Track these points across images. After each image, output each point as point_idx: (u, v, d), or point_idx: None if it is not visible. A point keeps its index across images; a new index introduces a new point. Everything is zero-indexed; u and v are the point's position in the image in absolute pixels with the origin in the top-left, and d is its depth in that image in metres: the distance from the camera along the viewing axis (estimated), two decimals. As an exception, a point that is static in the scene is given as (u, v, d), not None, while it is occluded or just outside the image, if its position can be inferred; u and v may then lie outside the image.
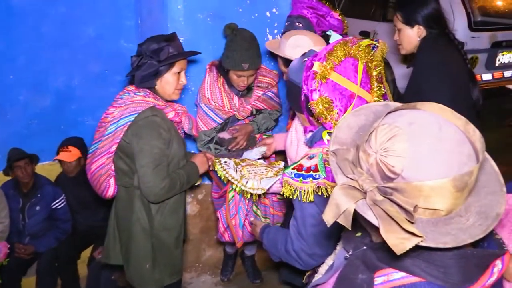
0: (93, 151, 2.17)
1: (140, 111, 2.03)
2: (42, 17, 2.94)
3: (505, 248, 0.94)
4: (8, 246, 2.97)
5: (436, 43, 2.30)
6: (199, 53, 2.23)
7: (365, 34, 5.38)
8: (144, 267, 2.19)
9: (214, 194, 2.75)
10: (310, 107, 1.51)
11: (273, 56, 2.87)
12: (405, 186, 0.82)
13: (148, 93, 2.08)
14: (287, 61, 2.20)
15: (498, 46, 4.92)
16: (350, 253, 1.05)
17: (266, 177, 2.20)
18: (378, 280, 0.90)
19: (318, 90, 1.47)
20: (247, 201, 2.42)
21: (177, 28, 2.57)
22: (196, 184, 2.32)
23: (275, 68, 2.80)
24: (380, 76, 1.59)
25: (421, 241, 0.79)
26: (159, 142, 2.04)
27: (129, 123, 2.03)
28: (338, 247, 1.25)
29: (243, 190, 2.20)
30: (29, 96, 3.07)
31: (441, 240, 0.80)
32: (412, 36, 2.37)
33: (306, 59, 1.58)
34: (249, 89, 2.61)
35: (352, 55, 1.51)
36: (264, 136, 2.71)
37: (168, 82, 2.10)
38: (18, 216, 3.13)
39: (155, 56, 2.02)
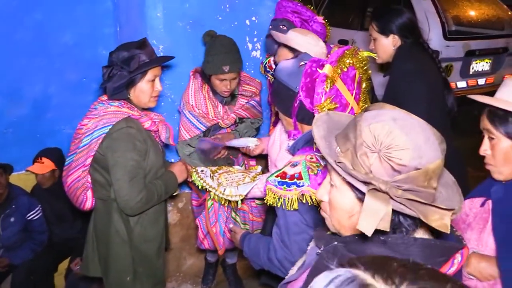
0: (68, 164, 2.12)
1: (114, 123, 1.97)
2: (17, 24, 2.88)
3: (464, 243, 1.01)
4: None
5: (411, 51, 2.36)
6: (173, 57, 2.18)
7: (343, 43, 5.46)
8: (124, 280, 2.15)
9: (194, 202, 2.74)
10: (309, 112, 1.50)
11: (254, 63, 2.88)
12: (416, 174, 0.88)
13: (122, 103, 2.03)
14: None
15: (472, 55, 5.05)
16: (322, 249, 1.07)
17: (244, 183, 2.19)
18: None
19: (326, 93, 1.46)
20: (226, 208, 2.40)
21: (157, 36, 2.56)
22: (174, 194, 2.29)
23: (255, 76, 2.81)
24: (367, 89, 1.60)
25: (453, 212, 0.90)
26: (134, 154, 2.00)
27: (103, 135, 1.98)
28: (309, 247, 1.27)
29: (221, 197, 2.18)
30: (5, 104, 3.00)
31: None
32: (387, 45, 2.41)
33: (303, 63, 1.55)
34: (233, 97, 2.60)
35: (353, 65, 1.51)
36: None
37: (143, 90, 2.04)
38: (-8, 228, 3.04)
39: (125, 66, 1.96)
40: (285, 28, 2.47)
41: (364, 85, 1.56)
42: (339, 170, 0.93)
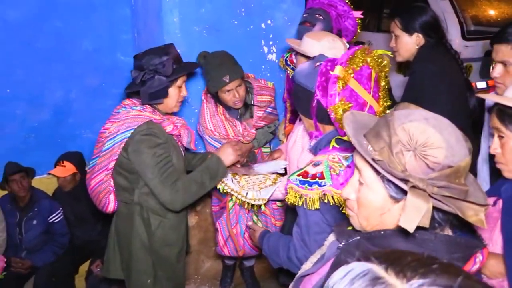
0: (92, 167, 2.15)
1: (136, 127, 2.00)
2: (38, 31, 2.96)
3: (485, 242, 1.02)
4: (5, 260, 2.96)
5: (434, 52, 2.29)
6: (200, 65, 2.22)
7: (360, 45, 5.43)
8: (145, 283, 2.17)
9: (214, 208, 2.73)
10: (327, 116, 1.50)
11: (269, 65, 2.89)
12: (449, 172, 0.91)
13: (144, 108, 2.06)
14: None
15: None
16: (344, 243, 1.08)
17: (265, 186, 2.19)
18: None
19: (339, 94, 1.46)
20: (247, 210, 2.40)
21: (173, 41, 2.58)
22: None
23: (271, 78, 2.81)
24: (387, 87, 1.59)
25: (485, 208, 0.93)
26: (159, 149, 2.01)
27: (126, 139, 2.01)
28: (326, 242, 1.27)
29: (244, 201, 2.18)
30: (26, 110, 3.08)
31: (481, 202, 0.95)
32: (410, 43, 2.35)
33: (318, 63, 1.56)
34: (246, 107, 2.58)
35: (367, 63, 1.51)
36: (263, 150, 2.71)
37: (171, 96, 2.07)
38: (15, 230, 3.12)
39: (160, 71, 1.98)
40: (321, 17, 2.44)
41: (383, 83, 1.55)
42: (378, 168, 0.94)
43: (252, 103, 2.57)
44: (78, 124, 3.27)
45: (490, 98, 1.55)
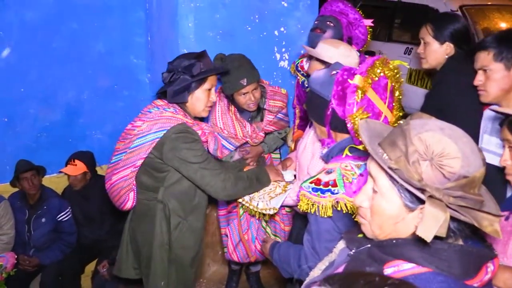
0: (116, 162, 2.12)
1: (169, 127, 2.00)
2: (54, 32, 3.00)
3: (496, 252, 1.02)
4: (16, 256, 2.98)
5: (463, 64, 2.21)
6: (229, 69, 2.26)
7: (370, 54, 5.45)
8: (159, 285, 2.17)
9: (220, 212, 2.74)
10: (342, 125, 1.51)
11: (281, 72, 2.91)
12: (465, 182, 0.92)
13: (177, 110, 2.07)
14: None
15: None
16: (354, 250, 1.09)
17: (275, 194, 2.19)
18: (388, 270, 0.96)
19: (357, 104, 1.47)
20: (257, 216, 2.41)
21: (187, 45, 2.63)
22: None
23: (283, 85, 2.82)
24: (400, 97, 1.60)
25: (500, 218, 0.94)
26: (196, 143, 2.03)
27: (157, 140, 2.01)
28: (335, 249, 1.28)
29: (255, 211, 2.17)
30: (39, 109, 3.12)
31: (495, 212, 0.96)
32: (440, 52, 2.29)
33: (334, 72, 1.56)
34: (259, 110, 2.61)
35: (385, 74, 1.52)
36: (272, 156, 2.72)
37: (199, 98, 2.09)
38: (23, 227, 3.14)
39: (187, 71, 2.02)
40: (331, 24, 2.46)
41: (397, 94, 1.56)
42: (395, 177, 0.94)
43: (264, 107, 2.59)
44: (89, 125, 3.30)
45: (503, 111, 1.56)
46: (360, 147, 1.50)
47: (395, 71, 1.53)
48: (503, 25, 5.14)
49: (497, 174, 1.61)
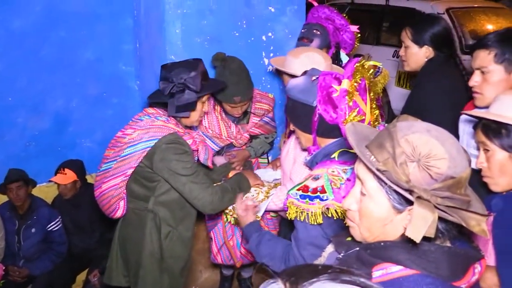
0: (105, 170, 2.10)
1: (160, 137, 1.99)
2: (42, 40, 2.98)
3: (482, 253, 1.03)
4: (4, 268, 2.95)
5: (442, 67, 2.25)
6: (226, 84, 2.29)
7: (359, 57, 5.48)
8: None
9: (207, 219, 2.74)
10: (329, 125, 1.51)
11: (270, 77, 2.92)
12: (452, 182, 0.92)
13: (169, 119, 2.06)
14: None
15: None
16: (343, 254, 1.09)
17: (258, 201, 2.17)
18: (376, 273, 0.96)
19: (350, 107, 1.47)
20: None
21: (175, 52, 2.63)
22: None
23: (272, 90, 2.84)
24: (376, 97, 1.61)
25: (486, 218, 0.95)
26: (186, 156, 2.03)
27: (149, 149, 2.00)
28: (324, 253, 1.28)
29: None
30: (28, 118, 3.09)
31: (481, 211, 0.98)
32: (419, 55, 2.29)
33: (314, 78, 1.56)
34: (245, 113, 2.62)
35: (363, 76, 1.52)
36: (260, 160, 2.73)
37: (196, 110, 2.10)
38: (13, 238, 3.11)
39: (191, 86, 2.00)
40: (318, 32, 2.48)
41: (371, 94, 1.57)
42: (384, 178, 0.95)
43: (250, 110, 2.60)
44: (79, 133, 3.28)
45: (476, 114, 1.59)
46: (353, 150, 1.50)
47: (370, 71, 1.55)
48: (490, 27, 5.20)
49: (474, 175, 1.65)
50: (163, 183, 2.09)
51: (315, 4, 2.70)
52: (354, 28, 2.61)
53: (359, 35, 2.66)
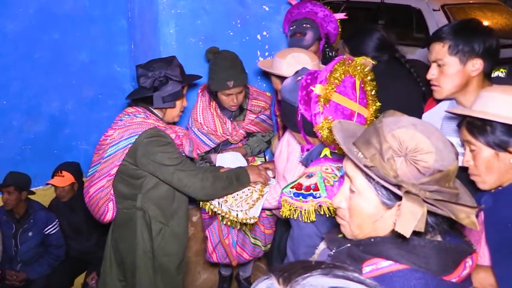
0: (91, 174, 2.12)
1: (140, 132, 2.00)
2: (36, 43, 2.98)
3: (474, 248, 1.03)
4: (1, 272, 2.93)
5: (384, 70, 2.22)
6: (201, 77, 2.30)
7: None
8: None
9: (204, 215, 2.73)
10: (313, 130, 1.49)
11: (266, 76, 2.91)
12: (440, 176, 0.93)
13: (148, 115, 2.07)
14: (284, 80, 2.16)
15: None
16: (334, 250, 1.09)
17: (252, 200, 2.16)
18: (366, 269, 0.97)
19: (322, 113, 1.45)
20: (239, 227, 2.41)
21: (170, 52, 2.61)
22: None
23: (267, 89, 2.84)
24: (374, 90, 1.58)
25: (477, 210, 0.94)
26: (170, 146, 2.03)
27: (130, 145, 2.00)
28: (317, 250, 1.28)
29: (236, 222, 2.17)
30: (23, 121, 3.08)
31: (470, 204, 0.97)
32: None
33: (300, 78, 1.56)
34: (241, 110, 2.62)
35: (350, 73, 1.50)
36: (256, 159, 2.72)
37: (177, 105, 2.13)
38: (10, 242, 3.10)
39: (175, 77, 2.04)
40: (308, 26, 2.49)
41: (369, 88, 1.54)
42: (371, 174, 0.95)
43: (246, 106, 2.60)
44: (74, 135, 3.27)
45: (460, 112, 1.57)
46: (338, 151, 1.49)
47: (361, 66, 1.52)
48: (485, 23, 5.20)
49: (461, 173, 1.65)
50: (149, 179, 2.09)
51: (293, 3, 2.69)
52: (341, 15, 2.61)
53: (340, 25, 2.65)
